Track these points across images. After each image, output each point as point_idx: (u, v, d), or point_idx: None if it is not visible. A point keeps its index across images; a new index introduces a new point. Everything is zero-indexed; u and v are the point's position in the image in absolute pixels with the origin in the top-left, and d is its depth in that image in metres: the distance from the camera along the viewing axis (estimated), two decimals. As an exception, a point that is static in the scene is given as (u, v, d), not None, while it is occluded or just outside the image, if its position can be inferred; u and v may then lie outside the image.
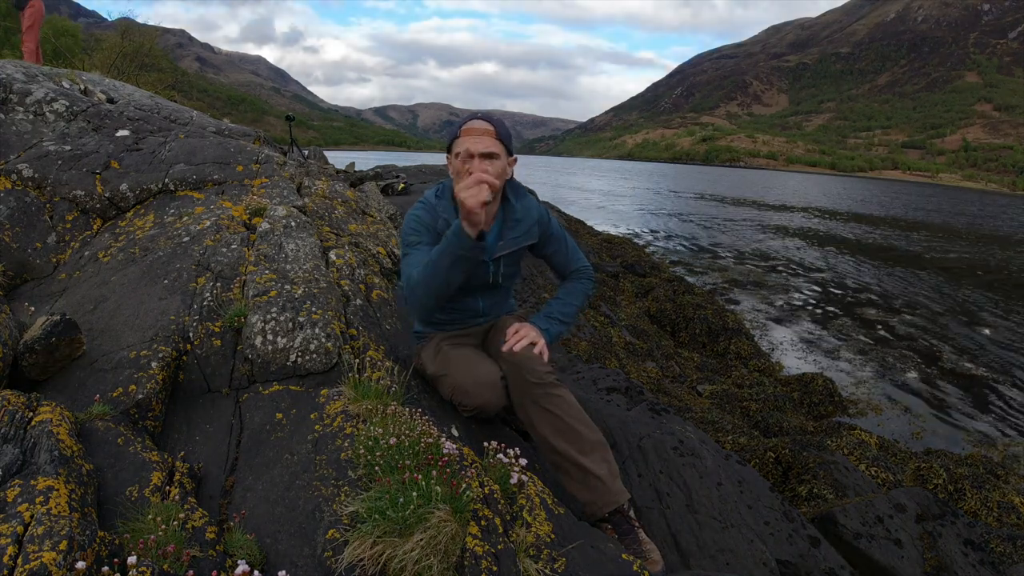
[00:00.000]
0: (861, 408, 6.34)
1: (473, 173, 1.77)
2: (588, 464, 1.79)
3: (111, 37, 20.62)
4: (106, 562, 1.10)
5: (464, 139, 1.90)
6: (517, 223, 2.02)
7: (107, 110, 4.14)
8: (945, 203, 51.87)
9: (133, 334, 2.07)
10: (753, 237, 20.18)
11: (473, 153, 1.87)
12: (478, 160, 1.86)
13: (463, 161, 1.88)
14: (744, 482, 2.39)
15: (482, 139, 1.88)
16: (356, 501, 1.41)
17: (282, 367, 2.05)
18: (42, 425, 1.42)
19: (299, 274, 2.44)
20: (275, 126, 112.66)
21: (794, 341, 8.75)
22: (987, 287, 13.53)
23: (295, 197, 3.54)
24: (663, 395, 5.04)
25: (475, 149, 1.87)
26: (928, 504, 2.61)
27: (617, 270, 9.92)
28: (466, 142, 1.89)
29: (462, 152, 1.89)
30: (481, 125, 1.90)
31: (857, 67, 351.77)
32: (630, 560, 1.53)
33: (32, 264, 2.83)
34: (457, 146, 1.92)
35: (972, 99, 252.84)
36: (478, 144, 1.87)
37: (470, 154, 1.87)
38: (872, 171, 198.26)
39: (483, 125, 1.90)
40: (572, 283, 2.19)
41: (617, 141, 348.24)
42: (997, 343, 9.15)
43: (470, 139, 1.89)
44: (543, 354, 1.89)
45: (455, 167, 1.93)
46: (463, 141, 1.90)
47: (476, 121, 1.91)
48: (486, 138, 1.89)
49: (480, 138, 1.88)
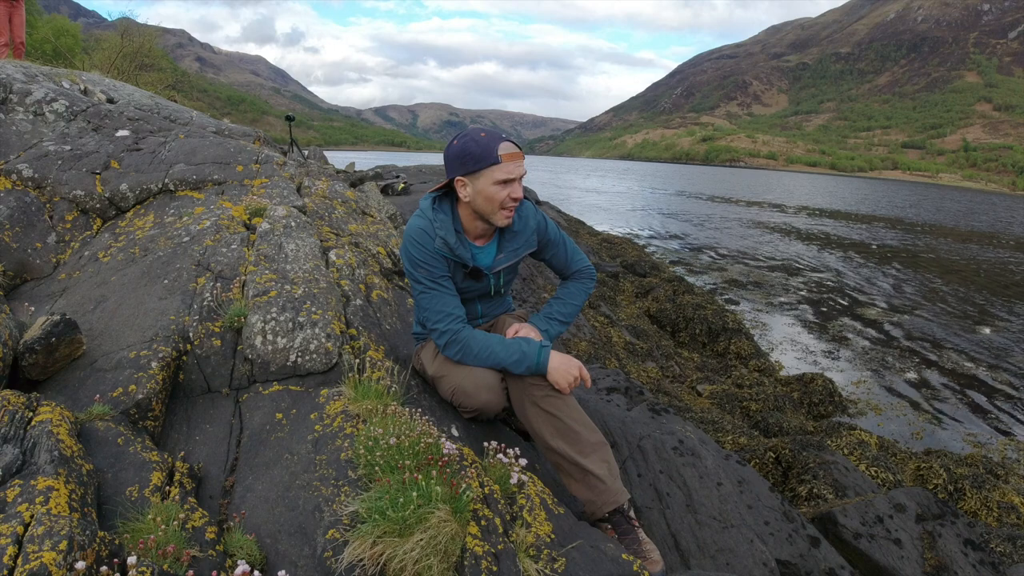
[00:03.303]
0: (861, 408, 6.34)
1: (514, 202, 1.86)
2: (588, 464, 1.79)
3: (111, 37, 20.60)
4: (106, 562, 1.10)
5: (507, 164, 1.85)
6: (515, 235, 2.02)
7: (107, 110, 4.14)
8: (945, 203, 51.89)
9: (133, 334, 2.07)
10: (753, 237, 20.18)
11: (515, 177, 1.86)
12: (518, 184, 1.87)
13: (505, 187, 1.85)
14: (744, 482, 2.39)
15: (520, 163, 1.88)
16: (356, 501, 1.41)
17: (282, 367, 2.05)
18: (42, 425, 1.42)
19: (299, 274, 2.44)
20: (275, 126, 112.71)
21: (794, 341, 8.75)
22: (987, 287, 13.53)
23: (295, 197, 3.54)
24: (663, 395, 5.04)
25: (518, 174, 1.87)
26: (928, 504, 2.61)
27: (617, 270, 9.92)
28: (509, 167, 1.85)
29: (506, 179, 1.84)
30: (515, 149, 1.88)
31: (857, 67, 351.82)
32: (630, 560, 1.53)
33: (32, 264, 2.83)
34: (498, 172, 1.84)
35: (972, 99, 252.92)
36: (520, 168, 1.87)
37: (513, 179, 1.86)
38: (872, 171, 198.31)
39: (516, 149, 1.88)
40: (572, 283, 2.20)
41: (617, 141, 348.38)
42: (997, 343, 9.15)
43: (513, 164, 1.86)
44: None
45: (488, 193, 1.85)
46: (506, 167, 1.84)
47: (508, 144, 1.87)
48: (521, 160, 1.89)
49: (520, 163, 1.88)
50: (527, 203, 2.07)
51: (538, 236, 2.08)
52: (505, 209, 1.88)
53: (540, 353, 1.83)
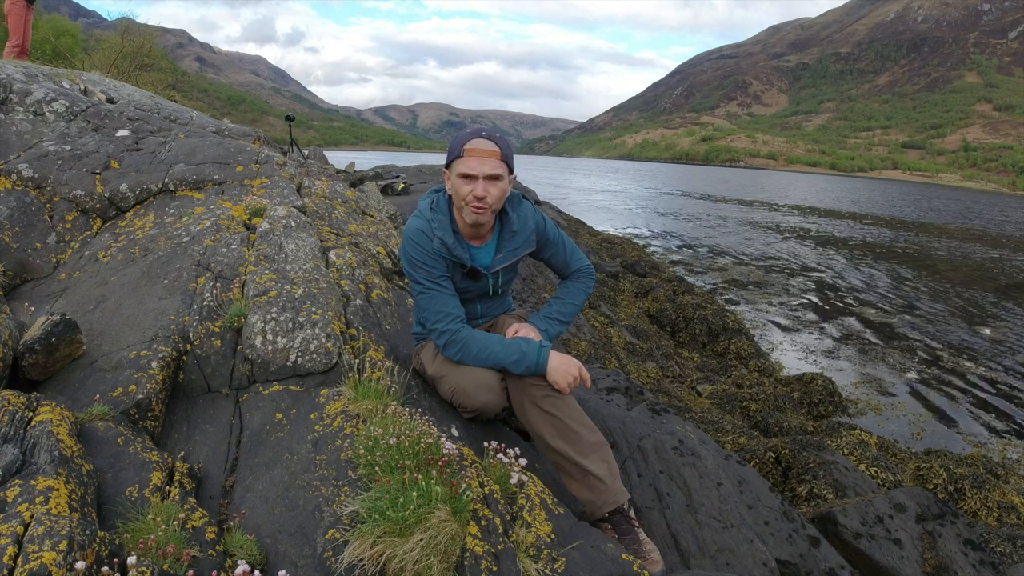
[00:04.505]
0: (861, 408, 6.34)
1: (477, 200, 1.77)
2: (588, 464, 1.78)
3: (111, 37, 20.60)
4: (106, 562, 1.10)
5: (468, 159, 1.78)
6: (514, 235, 2.01)
7: (107, 110, 4.14)
8: (945, 203, 51.88)
9: (133, 334, 2.07)
10: (753, 237, 20.18)
11: (478, 175, 1.78)
12: (482, 183, 1.78)
13: (467, 182, 1.79)
14: (744, 482, 2.39)
15: (488, 161, 1.78)
16: (356, 501, 1.41)
17: (282, 367, 2.05)
18: (42, 425, 1.42)
19: (299, 274, 2.44)
20: (275, 126, 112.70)
21: (794, 341, 8.75)
22: (987, 287, 13.53)
23: (295, 197, 3.54)
24: (663, 395, 5.04)
25: (480, 172, 1.77)
26: (928, 504, 2.61)
27: (617, 270, 9.92)
28: (470, 163, 1.78)
29: (466, 173, 1.79)
30: (486, 145, 1.78)
31: (857, 67, 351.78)
32: (630, 560, 1.53)
33: (32, 264, 2.83)
34: (460, 166, 1.80)
35: (972, 99, 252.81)
36: (484, 166, 1.78)
37: (474, 176, 1.78)
38: (872, 171, 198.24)
39: (488, 145, 1.79)
40: (572, 283, 2.19)
41: (617, 141, 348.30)
42: (997, 343, 9.15)
43: (475, 160, 1.78)
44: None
45: (454, 186, 1.83)
46: (467, 162, 1.78)
47: (480, 140, 1.79)
48: (492, 160, 1.79)
49: (486, 160, 1.78)
50: (526, 203, 2.07)
51: (537, 236, 2.08)
52: (469, 206, 1.82)
53: (540, 353, 1.82)
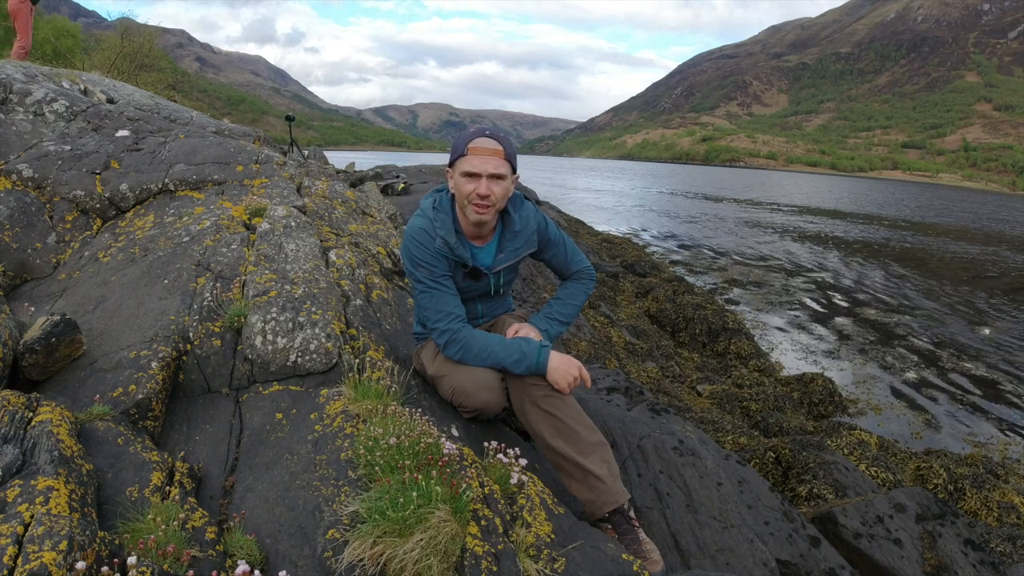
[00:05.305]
0: (861, 408, 6.34)
1: (481, 199, 1.77)
2: (588, 464, 1.78)
3: (111, 37, 20.59)
4: (106, 562, 1.10)
5: (472, 158, 1.79)
6: (516, 235, 2.01)
7: (107, 110, 4.14)
8: (945, 203, 51.89)
9: (133, 334, 2.07)
10: (753, 237, 20.18)
11: (482, 174, 1.79)
12: (485, 181, 1.79)
13: (470, 181, 1.80)
14: (744, 482, 2.39)
15: (491, 159, 1.79)
16: (356, 501, 1.41)
17: (282, 367, 2.05)
18: (42, 425, 1.42)
19: (299, 274, 2.44)
20: (275, 126, 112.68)
21: (794, 341, 8.75)
22: (987, 287, 13.53)
23: (295, 197, 3.54)
24: (663, 395, 5.04)
25: (484, 170, 1.78)
26: (928, 504, 2.61)
27: (617, 270, 9.92)
28: (474, 162, 1.79)
29: (470, 171, 1.79)
30: (490, 144, 1.79)
31: (857, 67, 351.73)
32: (630, 560, 1.53)
33: (32, 264, 2.83)
34: (464, 164, 1.81)
35: (972, 99, 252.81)
36: (487, 165, 1.79)
37: (477, 174, 1.79)
38: (872, 171, 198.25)
39: (492, 144, 1.80)
40: (572, 283, 2.20)
41: (617, 141, 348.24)
42: (997, 343, 9.15)
43: (479, 159, 1.79)
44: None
45: (458, 185, 1.84)
46: (471, 160, 1.79)
47: (483, 139, 1.80)
48: (495, 159, 1.79)
49: (489, 158, 1.79)
50: (528, 203, 2.07)
51: (539, 236, 2.08)
52: (472, 204, 1.83)
53: (540, 353, 1.82)
